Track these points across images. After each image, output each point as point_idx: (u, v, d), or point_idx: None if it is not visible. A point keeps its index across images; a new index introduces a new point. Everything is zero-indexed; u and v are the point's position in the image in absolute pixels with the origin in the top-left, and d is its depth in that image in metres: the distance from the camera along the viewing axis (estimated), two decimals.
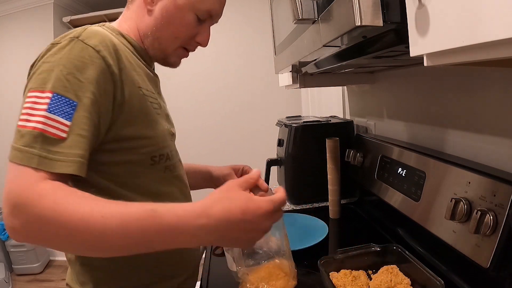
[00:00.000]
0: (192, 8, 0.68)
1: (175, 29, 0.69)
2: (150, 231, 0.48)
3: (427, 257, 0.81)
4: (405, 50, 0.44)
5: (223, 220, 0.49)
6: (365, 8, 0.42)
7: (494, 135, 0.73)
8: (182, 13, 0.68)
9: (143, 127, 0.63)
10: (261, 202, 0.51)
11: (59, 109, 0.51)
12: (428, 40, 0.39)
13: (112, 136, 0.59)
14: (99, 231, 0.46)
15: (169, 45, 0.71)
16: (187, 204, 0.51)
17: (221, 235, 0.50)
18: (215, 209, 0.49)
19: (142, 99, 0.63)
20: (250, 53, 2.81)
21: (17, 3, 2.74)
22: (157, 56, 0.73)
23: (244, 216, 0.49)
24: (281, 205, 0.54)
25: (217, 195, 0.52)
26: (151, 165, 0.65)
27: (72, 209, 0.46)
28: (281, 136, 1.42)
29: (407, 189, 0.85)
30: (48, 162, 0.49)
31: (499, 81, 0.70)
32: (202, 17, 0.70)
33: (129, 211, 0.48)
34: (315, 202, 1.32)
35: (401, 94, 1.10)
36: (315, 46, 0.63)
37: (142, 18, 0.70)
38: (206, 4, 0.69)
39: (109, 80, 0.56)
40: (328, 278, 0.72)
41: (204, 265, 0.92)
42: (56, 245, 0.50)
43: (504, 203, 0.55)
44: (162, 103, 0.75)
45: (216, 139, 2.86)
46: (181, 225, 0.48)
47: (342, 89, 1.63)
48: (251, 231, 0.51)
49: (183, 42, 0.72)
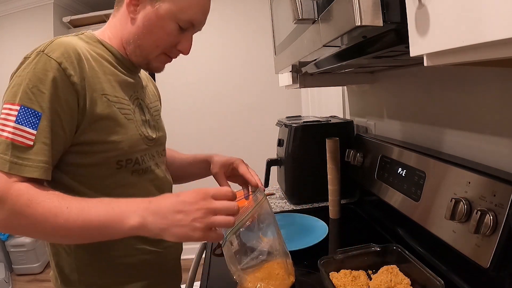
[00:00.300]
0: (173, 18, 0.69)
1: (156, 38, 0.71)
2: (106, 216, 0.56)
3: (427, 257, 0.81)
4: (405, 50, 0.44)
5: (161, 201, 0.58)
6: (365, 8, 0.42)
7: (494, 135, 0.73)
8: (163, 22, 0.69)
9: (107, 132, 0.66)
10: (198, 188, 0.59)
11: (26, 120, 0.57)
12: (428, 40, 0.38)
13: (78, 139, 0.64)
14: (64, 219, 0.55)
15: (151, 53, 0.73)
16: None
17: (165, 215, 0.56)
18: (158, 198, 0.59)
19: (107, 105, 0.66)
20: (250, 53, 2.81)
21: (17, 3, 2.74)
22: (140, 62, 0.75)
23: (178, 197, 0.58)
24: (222, 195, 0.59)
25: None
26: (117, 169, 0.68)
27: (42, 204, 0.55)
28: (281, 136, 1.42)
29: (407, 189, 0.85)
30: (18, 168, 0.56)
31: (499, 81, 0.70)
32: (184, 26, 0.71)
33: (91, 201, 0.58)
34: (315, 202, 1.32)
35: (401, 94, 1.10)
36: (315, 46, 0.63)
37: (125, 26, 0.72)
38: (188, 14, 0.69)
39: (71, 90, 0.61)
40: (328, 278, 0.72)
41: (204, 265, 0.93)
42: (31, 233, 0.59)
43: (504, 203, 0.55)
44: (140, 109, 0.76)
45: (216, 139, 2.86)
46: (131, 206, 0.57)
47: (342, 89, 1.63)
48: (190, 212, 0.56)
49: (165, 49, 0.73)
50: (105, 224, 0.56)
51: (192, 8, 0.70)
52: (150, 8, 0.68)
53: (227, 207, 0.58)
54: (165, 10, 0.68)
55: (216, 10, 2.76)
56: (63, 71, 0.59)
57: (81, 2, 2.94)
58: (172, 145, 3.21)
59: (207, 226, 0.56)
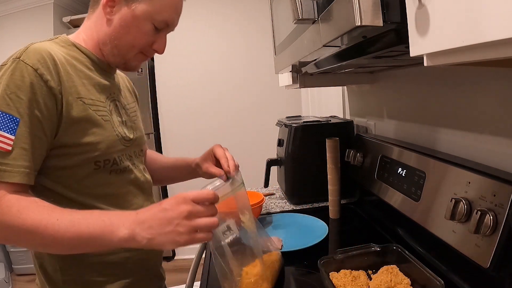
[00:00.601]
0: (149, 18, 0.71)
1: (132, 38, 0.72)
2: (96, 228, 0.57)
3: (427, 257, 0.81)
4: (405, 50, 0.44)
5: (146, 212, 0.60)
6: (365, 8, 0.42)
7: (494, 135, 0.73)
8: (139, 23, 0.71)
9: (84, 134, 0.67)
10: (179, 194, 0.60)
11: (4, 125, 0.58)
12: (428, 40, 0.39)
13: (57, 142, 0.65)
14: (54, 231, 0.56)
15: (128, 52, 0.74)
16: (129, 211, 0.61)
17: (151, 225, 0.58)
18: (144, 209, 0.61)
19: (83, 108, 0.67)
20: (250, 53, 2.80)
21: (17, 3, 2.74)
22: (118, 62, 0.76)
23: (160, 206, 0.59)
24: (202, 198, 0.60)
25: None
26: (95, 169, 0.69)
27: (32, 216, 0.56)
28: (281, 136, 1.42)
29: (407, 189, 0.85)
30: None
31: (499, 81, 0.70)
32: (159, 26, 0.73)
33: (81, 213, 0.59)
34: (315, 202, 1.32)
35: (401, 94, 1.10)
36: (315, 46, 0.63)
37: (101, 28, 0.73)
38: (163, 14, 0.72)
39: (49, 95, 0.62)
40: (328, 278, 0.72)
41: (204, 265, 0.93)
42: (21, 244, 0.60)
43: (504, 203, 0.55)
44: (116, 110, 0.77)
45: (216, 139, 2.85)
46: (120, 219, 0.59)
47: (342, 89, 1.63)
48: (172, 219, 0.58)
49: (141, 49, 0.75)
50: (94, 236, 0.57)
51: (167, 9, 0.72)
52: (126, 9, 0.70)
53: (207, 209, 0.60)
54: (141, 11, 0.70)
55: (216, 10, 2.76)
56: (40, 76, 0.61)
57: (81, 2, 2.94)
58: (172, 145, 3.23)
59: (190, 230, 0.58)
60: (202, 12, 2.76)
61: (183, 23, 2.68)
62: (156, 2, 0.70)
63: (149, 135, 2.73)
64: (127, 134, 0.77)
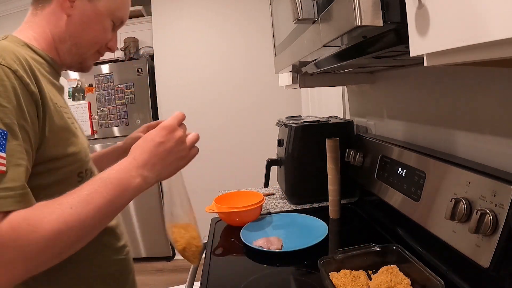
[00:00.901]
0: (110, 15, 0.71)
1: (94, 34, 0.70)
2: (109, 192, 0.54)
3: (427, 257, 0.81)
4: (405, 50, 0.44)
5: (142, 154, 0.59)
6: (365, 8, 0.42)
7: (494, 135, 0.73)
8: (101, 19, 0.70)
9: (67, 144, 0.62)
10: (161, 124, 0.62)
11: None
12: (428, 40, 0.38)
13: (40, 157, 0.56)
14: (76, 220, 0.49)
15: (88, 50, 0.72)
16: (119, 162, 0.59)
17: (154, 162, 0.59)
18: (138, 152, 0.60)
19: (61, 116, 0.61)
20: (250, 53, 2.81)
21: (17, 3, 2.74)
22: (74, 62, 0.73)
23: (153, 140, 0.60)
24: (179, 119, 0.64)
25: (134, 146, 0.62)
26: (78, 182, 0.63)
27: (47, 220, 0.47)
28: (281, 136, 1.42)
29: (407, 189, 0.85)
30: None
31: (499, 81, 0.70)
32: (116, 23, 0.74)
33: (84, 189, 0.53)
34: (315, 202, 1.32)
35: (401, 94, 1.10)
36: (315, 46, 0.63)
37: (57, 24, 0.67)
38: (122, 11, 0.73)
39: (30, 101, 0.53)
40: (328, 278, 0.72)
41: (204, 265, 0.92)
42: (53, 257, 0.50)
43: (504, 203, 0.55)
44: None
45: (216, 138, 2.86)
46: (123, 172, 0.57)
47: (342, 89, 1.63)
48: (172, 149, 0.61)
49: (99, 47, 0.74)
50: (112, 200, 0.54)
51: (124, 6, 0.74)
52: (88, 4, 0.68)
53: (185, 127, 0.65)
54: (104, 6, 0.69)
55: (216, 10, 2.77)
56: (20, 79, 0.52)
57: None
58: None
59: (188, 149, 0.63)
60: (202, 12, 2.76)
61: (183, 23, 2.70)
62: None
63: None
64: (86, 140, 0.74)
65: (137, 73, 2.67)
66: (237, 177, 2.82)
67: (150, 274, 2.69)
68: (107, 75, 2.71)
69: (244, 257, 0.96)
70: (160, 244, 2.83)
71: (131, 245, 0.83)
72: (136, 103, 2.70)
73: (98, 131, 2.76)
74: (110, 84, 2.71)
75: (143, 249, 2.85)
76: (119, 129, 2.75)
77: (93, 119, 2.74)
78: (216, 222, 1.21)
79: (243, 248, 1.00)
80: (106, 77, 2.71)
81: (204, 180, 2.81)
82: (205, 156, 2.86)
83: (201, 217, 0.84)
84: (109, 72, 2.71)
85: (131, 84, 2.68)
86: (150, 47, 2.82)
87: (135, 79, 2.68)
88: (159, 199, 2.76)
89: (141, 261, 2.83)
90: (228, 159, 2.87)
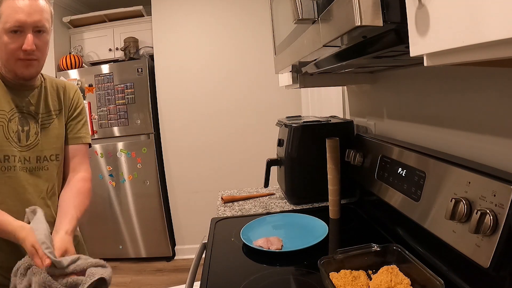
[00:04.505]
0: (2, 31, 0.84)
1: (3, 53, 0.87)
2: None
3: (427, 257, 0.81)
4: (405, 50, 0.44)
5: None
6: (365, 8, 0.42)
7: (494, 135, 0.73)
8: (1, 39, 0.84)
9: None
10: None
11: None
12: (428, 40, 0.38)
13: None
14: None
15: (9, 64, 0.88)
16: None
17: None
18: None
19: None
20: (250, 53, 2.80)
21: None
22: (12, 76, 0.90)
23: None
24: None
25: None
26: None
27: None
28: (281, 136, 1.42)
29: (407, 189, 0.85)
30: None
31: (499, 81, 0.70)
32: (15, 30, 0.84)
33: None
34: (315, 202, 1.32)
35: (401, 94, 1.10)
36: (315, 46, 0.63)
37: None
38: (11, 20, 0.83)
39: None
40: (328, 278, 0.72)
41: (204, 265, 0.92)
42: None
43: (504, 203, 0.55)
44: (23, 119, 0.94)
45: (216, 139, 2.86)
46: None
47: (342, 89, 1.63)
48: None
49: (15, 56, 0.86)
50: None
51: (10, 15, 0.83)
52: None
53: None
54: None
55: (216, 10, 2.77)
56: None
57: (81, 2, 2.94)
58: (172, 144, 3.23)
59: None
60: (202, 12, 2.76)
61: (183, 23, 2.70)
62: (1, 15, 0.83)
63: (149, 135, 2.74)
64: (22, 139, 0.92)
65: (137, 73, 2.67)
66: (237, 177, 2.82)
67: (150, 274, 2.69)
68: (107, 75, 2.71)
69: (244, 257, 0.96)
70: (160, 244, 2.83)
71: (131, 245, 0.89)
72: (136, 103, 2.70)
73: (98, 131, 2.76)
74: (110, 84, 2.70)
75: (143, 249, 2.85)
76: (119, 129, 2.75)
77: (93, 119, 2.74)
78: (216, 222, 1.22)
79: (243, 248, 1.00)
80: (106, 77, 2.71)
81: (204, 180, 2.81)
82: (205, 156, 2.87)
83: (201, 217, 0.84)
84: (109, 72, 2.71)
85: (131, 84, 2.68)
86: (150, 47, 2.82)
87: (135, 79, 2.68)
88: (159, 199, 2.77)
89: (141, 261, 2.83)
90: (228, 159, 2.87)
